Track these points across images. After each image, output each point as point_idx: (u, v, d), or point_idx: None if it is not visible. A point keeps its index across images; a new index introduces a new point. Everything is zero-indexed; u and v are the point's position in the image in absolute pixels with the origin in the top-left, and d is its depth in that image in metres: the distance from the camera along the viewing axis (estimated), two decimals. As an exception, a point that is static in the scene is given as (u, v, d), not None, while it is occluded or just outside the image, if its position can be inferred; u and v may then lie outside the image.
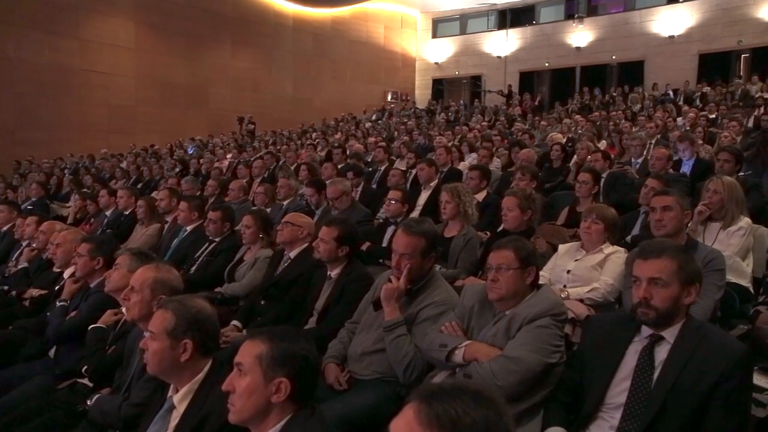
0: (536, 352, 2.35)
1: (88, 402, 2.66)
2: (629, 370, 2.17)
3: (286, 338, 1.82)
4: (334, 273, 3.54)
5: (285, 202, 6.45)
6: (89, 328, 3.15)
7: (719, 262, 3.09)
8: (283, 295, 3.86)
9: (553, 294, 2.68)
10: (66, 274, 4.15)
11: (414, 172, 7.40)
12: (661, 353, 2.15)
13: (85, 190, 9.69)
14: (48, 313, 3.84)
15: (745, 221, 3.92)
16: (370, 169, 8.88)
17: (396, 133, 15.42)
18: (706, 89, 17.15)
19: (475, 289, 2.75)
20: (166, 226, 6.09)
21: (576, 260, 3.55)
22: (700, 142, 7.88)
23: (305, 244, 4.12)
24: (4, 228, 6.52)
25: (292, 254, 4.10)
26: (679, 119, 12.05)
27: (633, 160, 7.33)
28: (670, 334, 2.16)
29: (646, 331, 2.20)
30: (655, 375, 2.12)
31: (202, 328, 2.16)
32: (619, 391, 2.17)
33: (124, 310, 2.88)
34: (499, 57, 25.89)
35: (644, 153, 7.43)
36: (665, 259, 2.15)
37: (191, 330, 2.13)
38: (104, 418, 2.54)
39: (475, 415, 1.08)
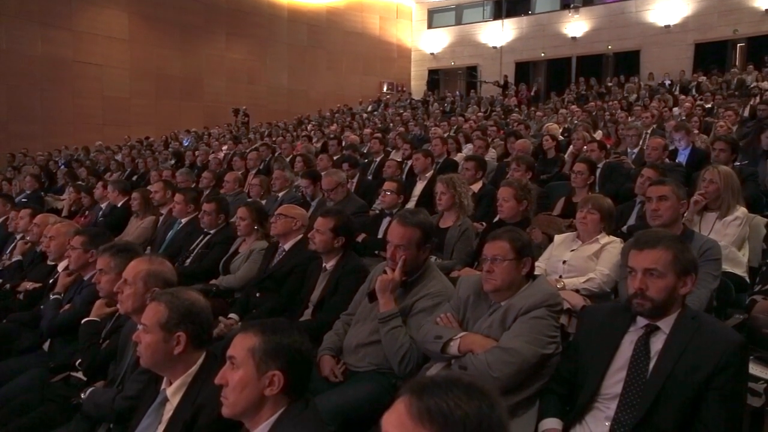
0: (532, 343, 2.34)
1: (82, 395, 2.65)
2: (625, 361, 2.17)
3: (278, 331, 1.80)
4: (329, 265, 3.53)
5: (280, 194, 6.43)
6: (82, 321, 3.12)
7: (715, 251, 3.08)
8: (279, 288, 3.84)
9: (549, 284, 2.66)
10: (60, 267, 4.13)
11: (409, 163, 7.39)
12: (657, 343, 2.15)
13: (79, 182, 9.64)
14: (42, 307, 3.82)
15: (741, 211, 3.91)
16: (366, 160, 8.86)
17: (391, 124, 15.38)
18: (702, 79, 17.14)
19: (470, 280, 2.73)
20: (161, 219, 6.07)
21: (572, 250, 3.54)
22: (696, 131, 7.89)
23: (299, 236, 4.10)
24: (-2, 221, 6.51)
25: (287, 246, 4.08)
26: (675, 109, 12.04)
27: (629, 150, 7.33)
28: (666, 324, 2.15)
29: (641, 321, 2.19)
30: (651, 365, 2.12)
31: (196, 320, 2.15)
32: (614, 382, 2.17)
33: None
34: (494, 47, 25.80)
35: (640, 143, 7.43)
36: (660, 250, 2.14)
37: (184, 322, 2.12)
38: (98, 411, 2.52)
39: (467, 408, 1.07)
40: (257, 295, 3.94)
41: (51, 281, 4.12)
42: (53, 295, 3.68)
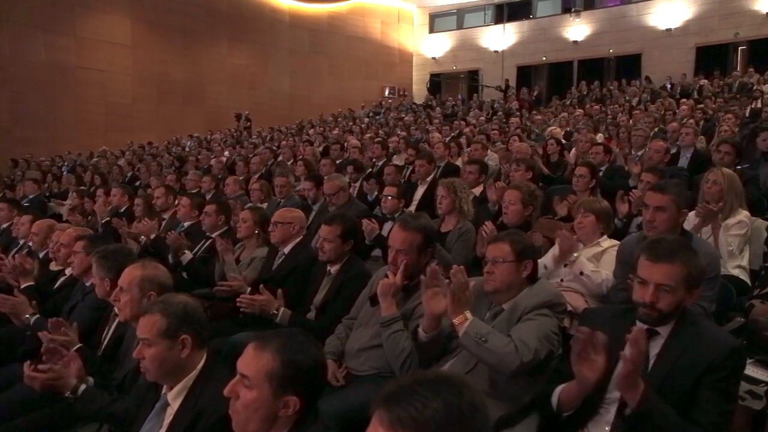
0: (542, 338, 2.34)
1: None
2: None
3: (297, 351, 1.71)
4: (333, 269, 3.54)
5: (282, 199, 6.39)
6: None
7: (712, 267, 2.93)
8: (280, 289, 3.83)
9: (551, 286, 2.68)
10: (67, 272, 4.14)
11: (411, 168, 7.42)
12: (655, 348, 2.15)
13: (82, 187, 9.67)
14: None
15: (744, 214, 3.93)
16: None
17: (395, 128, 15.37)
18: (704, 82, 17.13)
19: (469, 283, 2.73)
20: (163, 224, 6.08)
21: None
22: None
23: (299, 239, 4.10)
24: (3, 225, 6.51)
25: (286, 250, 4.08)
26: (677, 112, 12.04)
27: (633, 152, 7.31)
28: (665, 329, 2.16)
29: (641, 325, 2.19)
30: (649, 369, 2.11)
31: (194, 320, 2.14)
32: (615, 386, 2.16)
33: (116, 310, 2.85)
34: (496, 51, 25.86)
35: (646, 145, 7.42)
36: (677, 266, 2.10)
37: (185, 324, 2.11)
38: (108, 419, 2.51)
39: (434, 404, 1.08)
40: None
41: (56, 286, 4.13)
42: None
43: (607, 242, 3.56)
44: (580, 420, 2.22)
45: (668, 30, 21.61)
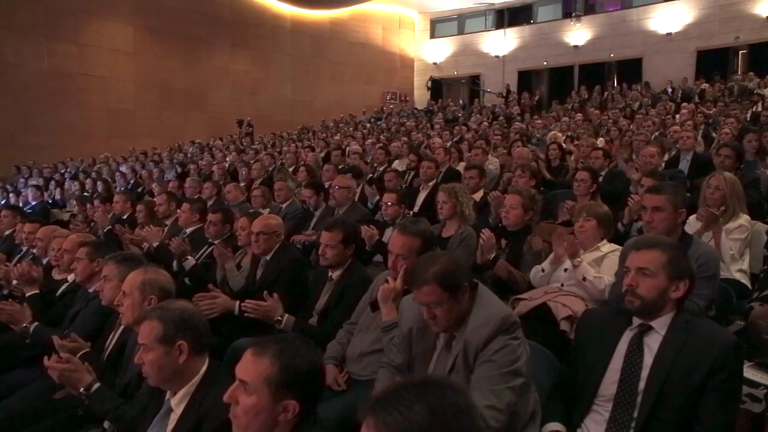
0: (506, 383, 2.15)
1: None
2: (621, 361, 2.19)
3: (296, 356, 1.71)
4: (335, 274, 3.53)
5: (283, 205, 6.42)
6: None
7: (710, 266, 2.93)
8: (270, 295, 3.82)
9: (495, 303, 2.35)
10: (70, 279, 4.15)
11: (412, 173, 7.44)
12: (652, 344, 2.17)
13: (85, 194, 9.69)
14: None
15: (745, 218, 3.93)
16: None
17: (394, 133, 15.38)
18: (705, 86, 17.14)
19: (411, 310, 2.43)
20: (166, 230, 6.09)
21: (573, 258, 3.55)
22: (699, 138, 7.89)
23: (278, 244, 4.09)
24: (6, 232, 6.54)
25: (268, 257, 4.06)
26: (678, 116, 12.04)
27: (635, 157, 7.33)
28: (660, 325, 2.18)
29: (636, 321, 2.23)
30: (648, 366, 2.14)
31: (191, 326, 2.15)
32: (611, 382, 2.18)
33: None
34: (497, 56, 25.93)
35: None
36: (656, 251, 2.20)
37: (182, 330, 2.12)
38: (117, 421, 2.52)
39: (418, 408, 1.12)
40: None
41: (59, 293, 4.13)
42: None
43: (607, 247, 3.56)
44: (575, 419, 2.25)
45: (669, 34, 21.66)
